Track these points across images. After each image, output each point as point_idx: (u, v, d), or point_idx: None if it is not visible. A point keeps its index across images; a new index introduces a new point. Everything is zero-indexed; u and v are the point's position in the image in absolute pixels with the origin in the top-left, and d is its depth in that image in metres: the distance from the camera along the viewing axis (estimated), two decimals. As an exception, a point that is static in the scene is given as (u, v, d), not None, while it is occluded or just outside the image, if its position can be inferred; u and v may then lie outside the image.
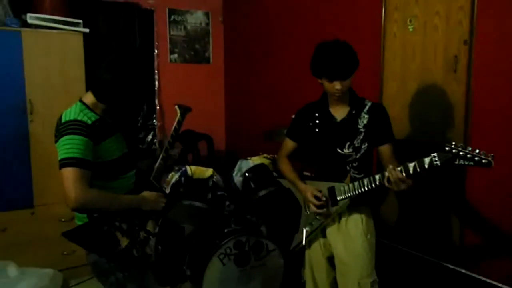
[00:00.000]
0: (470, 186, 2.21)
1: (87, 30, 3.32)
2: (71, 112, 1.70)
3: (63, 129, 1.65)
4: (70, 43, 3.27)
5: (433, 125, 2.36)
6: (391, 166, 1.77)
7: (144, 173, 1.98)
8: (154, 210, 1.84)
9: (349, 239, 2.00)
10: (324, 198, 2.01)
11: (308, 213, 2.10)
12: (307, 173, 2.53)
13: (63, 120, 1.68)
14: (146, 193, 1.83)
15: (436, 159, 1.64)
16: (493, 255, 2.14)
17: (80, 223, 1.76)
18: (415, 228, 2.49)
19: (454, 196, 2.27)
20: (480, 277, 2.05)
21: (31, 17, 3.11)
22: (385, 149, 2.00)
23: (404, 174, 1.73)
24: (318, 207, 2.00)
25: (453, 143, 1.61)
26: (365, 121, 1.99)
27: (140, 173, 1.95)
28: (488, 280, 2.01)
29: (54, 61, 3.22)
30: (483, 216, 2.16)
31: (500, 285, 1.97)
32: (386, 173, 1.78)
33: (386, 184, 1.79)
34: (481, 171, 1.73)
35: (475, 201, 2.19)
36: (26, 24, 3.13)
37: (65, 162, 1.60)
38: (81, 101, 1.77)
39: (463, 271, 2.14)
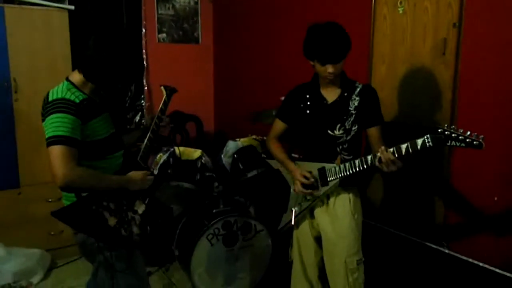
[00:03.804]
0: (454, 167, 2.25)
1: (72, 7, 3.24)
2: (58, 91, 1.67)
3: (50, 107, 1.63)
4: (55, 21, 3.18)
5: (421, 108, 2.37)
6: (383, 147, 1.78)
7: (131, 154, 1.97)
8: (141, 189, 1.84)
9: (337, 219, 2.03)
10: (312, 179, 2.03)
11: (297, 193, 2.12)
12: (295, 155, 2.54)
13: (50, 99, 1.66)
14: (132, 173, 1.83)
15: (429, 140, 1.67)
16: (475, 235, 2.19)
17: (67, 203, 1.76)
18: (400, 209, 2.53)
19: (438, 178, 2.31)
20: (462, 257, 2.10)
21: (14, -7, 3.03)
22: (373, 131, 2.02)
23: (396, 155, 1.75)
24: (306, 187, 2.03)
25: (446, 125, 1.65)
26: (356, 103, 2.00)
27: (127, 154, 1.94)
28: (470, 260, 2.07)
29: (39, 38, 3.14)
30: (466, 197, 2.21)
31: (481, 264, 2.03)
32: (378, 154, 1.79)
33: (377, 164, 1.81)
34: (465, 153, 1.76)
35: (459, 183, 2.24)
36: (8, 0, 3.04)
37: (53, 140, 1.58)
38: (68, 79, 1.74)
39: (446, 251, 2.19)
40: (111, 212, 1.72)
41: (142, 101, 4.04)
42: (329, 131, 2.03)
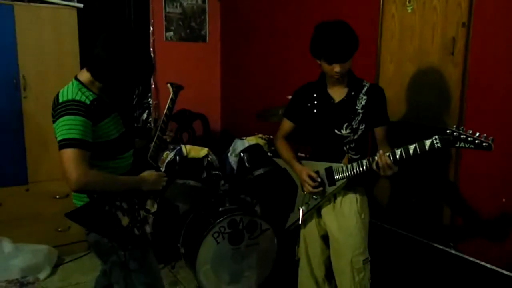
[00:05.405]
0: (462, 168, 2.23)
1: (81, 5, 3.26)
2: (69, 92, 1.65)
3: (61, 109, 1.61)
4: (64, 18, 3.20)
5: (429, 107, 2.36)
6: (381, 151, 1.81)
7: (141, 152, 1.97)
8: (154, 189, 1.83)
9: (344, 218, 2.03)
10: (319, 179, 2.02)
11: (305, 193, 2.12)
12: (302, 154, 2.54)
13: (60, 100, 1.64)
14: (146, 173, 1.82)
15: (437, 141, 1.67)
16: (482, 236, 2.17)
17: (77, 202, 1.76)
18: (407, 209, 2.52)
19: (445, 178, 2.30)
20: (469, 258, 2.09)
21: (23, -9, 3.05)
22: (379, 131, 2.03)
23: (391, 159, 1.77)
24: (313, 187, 2.02)
25: (454, 126, 1.65)
26: (363, 103, 1.99)
27: (137, 153, 1.94)
28: (477, 261, 2.05)
29: (48, 36, 3.16)
30: (473, 198, 2.19)
31: (488, 265, 2.01)
32: (376, 158, 1.82)
33: (375, 168, 1.83)
34: (473, 154, 1.75)
35: (466, 183, 2.22)
36: (18, -2, 3.06)
37: (65, 143, 1.57)
38: (76, 79, 1.71)
39: (453, 251, 2.18)
40: (124, 212, 1.71)
41: (149, 99, 4.05)
42: (336, 131, 2.02)
